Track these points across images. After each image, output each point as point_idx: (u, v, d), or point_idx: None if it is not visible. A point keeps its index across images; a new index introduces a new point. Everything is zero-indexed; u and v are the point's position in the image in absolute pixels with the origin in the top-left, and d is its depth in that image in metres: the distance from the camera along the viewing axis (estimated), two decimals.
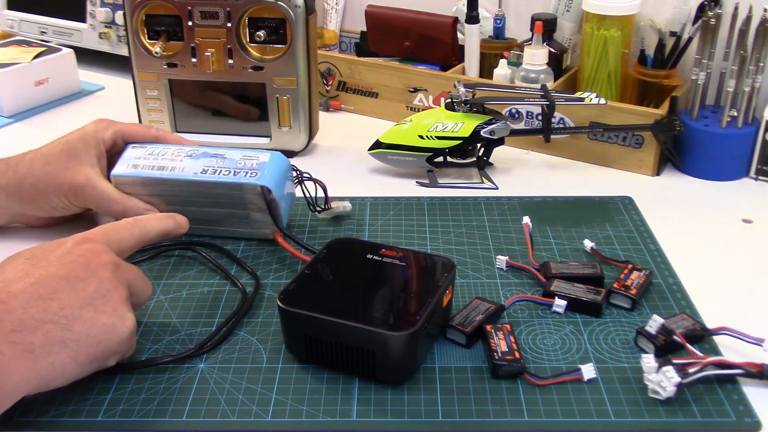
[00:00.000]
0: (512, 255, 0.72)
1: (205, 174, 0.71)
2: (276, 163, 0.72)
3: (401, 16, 1.10)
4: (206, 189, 0.71)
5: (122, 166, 0.73)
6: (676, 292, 0.67)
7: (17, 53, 1.12)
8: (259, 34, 0.89)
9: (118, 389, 0.57)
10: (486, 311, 0.62)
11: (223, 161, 0.72)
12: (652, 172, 0.91)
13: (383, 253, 0.63)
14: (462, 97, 0.88)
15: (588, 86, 0.99)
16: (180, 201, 0.73)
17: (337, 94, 1.10)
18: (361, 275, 0.61)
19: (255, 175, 0.70)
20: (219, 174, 0.71)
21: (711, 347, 0.60)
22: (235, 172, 0.71)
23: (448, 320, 0.61)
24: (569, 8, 1.03)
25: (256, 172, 0.71)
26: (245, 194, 0.71)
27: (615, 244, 0.75)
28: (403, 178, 0.90)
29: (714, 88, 0.92)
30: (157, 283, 0.69)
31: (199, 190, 0.72)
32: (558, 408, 0.54)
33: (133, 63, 0.93)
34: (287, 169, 0.74)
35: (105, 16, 1.21)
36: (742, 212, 0.82)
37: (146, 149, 0.74)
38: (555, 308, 0.64)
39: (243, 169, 0.71)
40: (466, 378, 0.57)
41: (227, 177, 0.70)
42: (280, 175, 0.72)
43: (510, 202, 0.83)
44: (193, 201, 0.73)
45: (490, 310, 0.62)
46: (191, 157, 0.73)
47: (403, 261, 0.62)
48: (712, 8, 0.87)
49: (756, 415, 0.54)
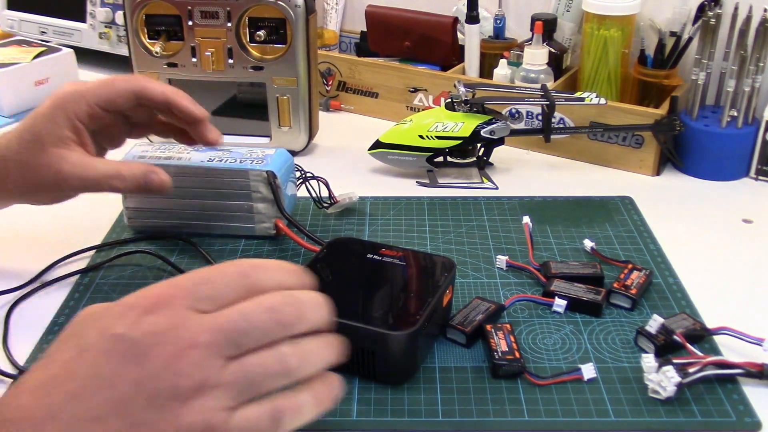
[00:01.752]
0: (512, 255, 0.72)
1: (211, 162, 0.73)
2: (281, 156, 0.75)
3: (401, 16, 1.10)
4: (212, 177, 0.73)
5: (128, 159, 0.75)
6: (676, 292, 0.67)
7: (17, 53, 1.12)
8: (259, 34, 0.89)
9: None
10: (486, 311, 0.62)
11: (229, 153, 0.75)
12: (652, 172, 0.91)
13: (383, 252, 0.63)
14: (462, 97, 0.88)
15: (588, 86, 0.99)
16: (184, 194, 0.74)
17: (337, 94, 1.10)
18: (361, 275, 0.61)
19: (261, 162, 0.73)
20: (225, 162, 0.73)
21: (711, 347, 0.60)
22: (242, 160, 0.73)
23: (448, 320, 0.61)
24: (569, 8, 1.03)
25: (262, 160, 0.73)
26: (250, 182, 0.73)
27: (615, 244, 0.75)
28: (403, 178, 0.90)
29: (714, 88, 0.92)
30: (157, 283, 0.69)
31: (205, 179, 0.73)
32: (558, 408, 0.54)
33: (133, 63, 0.93)
34: (291, 165, 0.77)
35: (105, 16, 1.21)
36: (742, 212, 0.82)
37: (152, 146, 0.77)
38: (555, 308, 0.64)
39: (249, 159, 0.74)
40: (466, 378, 0.57)
41: (233, 164, 0.73)
42: (286, 169, 0.75)
43: (510, 202, 0.83)
44: (196, 193, 0.74)
45: (490, 310, 0.62)
46: (198, 150, 0.75)
47: (403, 261, 0.62)
48: (712, 8, 0.87)
49: (756, 415, 0.54)
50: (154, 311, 0.39)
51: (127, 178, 0.64)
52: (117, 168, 0.64)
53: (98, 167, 0.64)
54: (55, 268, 0.72)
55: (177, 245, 0.75)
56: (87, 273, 0.71)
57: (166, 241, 0.76)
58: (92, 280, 0.70)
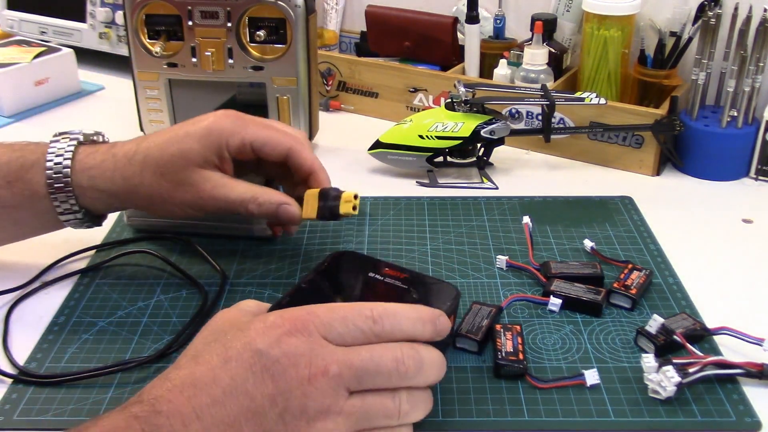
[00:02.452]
0: (512, 255, 0.72)
1: None
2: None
3: (401, 16, 1.10)
4: None
5: None
6: (676, 292, 0.67)
7: (17, 53, 1.12)
8: (259, 34, 0.89)
9: (118, 388, 0.57)
10: (489, 314, 0.62)
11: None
12: (652, 172, 0.91)
13: (386, 272, 0.58)
14: (462, 97, 0.88)
15: (588, 86, 0.99)
16: None
17: (337, 94, 1.10)
18: (360, 296, 0.57)
19: None
20: None
21: (711, 347, 0.60)
22: None
23: (449, 344, 0.60)
24: (569, 8, 1.03)
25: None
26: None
27: (615, 244, 0.75)
28: (403, 178, 0.90)
29: (714, 88, 0.92)
30: (157, 282, 0.69)
31: None
32: (558, 408, 0.54)
33: (133, 63, 0.93)
34: None
35: (105, 16, 1.21)
36: (742, 212, 0.82)
37: None
38: (550, 306, 0.64)
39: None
40: (466, 378, 0.57)
41: None
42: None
43: (510, 202, 0.83)
44: None
45: (492, 313, 0.62)
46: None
47: (406, 283, 0.58)
48: (712, 8, 0.87)
49: (756, 414, 0.54)
50: (294, 333, 0.44)
51: (262, 205, 0.64)
52: (254, 193, 0.64)
53: (237, 190, 0.64)
54: (55, 268, 0.72)
55: (177, 245, 0.75)
56: (87, 273, 0.71)
57: (166, 241, 0.76)
58: (92, 280, 0.70)
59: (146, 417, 0.42)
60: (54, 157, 0.64)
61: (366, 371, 0.45)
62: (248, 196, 0.64)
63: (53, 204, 0.64)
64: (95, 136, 0.68)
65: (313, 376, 0.43)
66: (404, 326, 0.47)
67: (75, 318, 0.65)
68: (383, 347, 0.46)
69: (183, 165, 0.63)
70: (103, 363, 0.59)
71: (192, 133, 0.63)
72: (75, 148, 0.65)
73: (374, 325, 0.46)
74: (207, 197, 0.63)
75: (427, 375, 0.47)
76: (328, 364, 0.44)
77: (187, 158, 0.62)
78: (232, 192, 0.63)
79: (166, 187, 0.63)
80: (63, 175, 0.63)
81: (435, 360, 0.48)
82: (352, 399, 0.45)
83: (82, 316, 0.65)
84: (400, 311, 0.48)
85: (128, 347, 0.61)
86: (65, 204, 0.65)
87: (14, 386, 0.57)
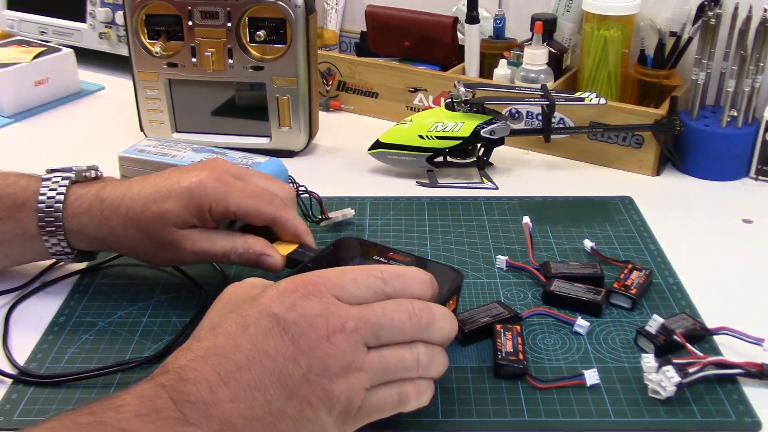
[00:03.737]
0: (512, 255, 0.72)
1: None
2: (273, 163, 0.77)
3: (401, 16, 1.10)
4: None
5: (130, 149, 0.81)
6: (676, 292, 0.67)
7: (17, 53, 1.12)
8: (259, 34, 0.89)
9: (118, 388, 0.57)
10: (496, 315, 0.62)
11: (224, 157, 0.77)
12: (652, 172, 0.91)
13: (390, 256, 0.60)
14: (462, 97, 0.88)
15: (588, 86, 0.99)
16: None
17: (337, 94, 1.10)
18: None
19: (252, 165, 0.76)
20: None
21: (711, 347, 0.60)
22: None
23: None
24: (569, 8, 1.03)
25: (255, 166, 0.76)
26: None
27: (615, 244, 0.75)
28: (403, 178, 0.90)
29: (714, 88, 0.92)
30: (157, 283, 0.69)
31: None
32: (558, 408, 0.54)
33: (133, 63, 0.93)
34: (285, 176, 0.78)
35: (105, 16, 1.21)
36: (742, 212, 0.82)
37: (158, 141, 0.83)
38: (576, 328, 0.62)
39: (241, 163, 0.76)
40: (466, 378, 0.57)
41: None
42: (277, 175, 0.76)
43: (510, 202, 0.83)
44: None
45: (501, 315, 0.62)
46: (195, 151, 0.80)
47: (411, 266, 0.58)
48: (712, 8, 0.87)
49: (756, 415, 0.54)
50: (308, 296, 0.46)
51: (242, 255, 0.63)
52: (234, 245, 0.63)
53: (217, 244, 0.63)
54: (55, 268, 0.72)
55: None
56: (87, 273, 0.71)
57: None
58: (92, 280, 0.70)
59: (173, 385, 0.43)
60: (46, 198, 0.63)
61: (381, 325, 0.46)
62: (228, 247, 0.63)
63: (45, 245, 0.65)
64: (88, 172, 0.66)
65: (331, 334, 0.45)
66: (412, 286, 0.49)
67: (75, 318, 0.65)
68: (395, 302, 0.48)
69: (162, 225, 0.62)
70: (103, 363, 0.59)
71: (175, 192, 0.61)
72: (66, 189, 0.64)
73: (384, 285, 0.48)
74: (188, 253, 0.63)
75: (442, 327, 0.49)
76: (345, 320, 0.45)
77: (166, 219, 0.61)
78: (213, 246, 0.63)
79: (148, 243, 0.63)
80: (54, 219, 0.63)
81: (446, 314, 0.50)
82: (371, 354, 0.46)
83: (82, 316, 0.65)
84: (408, 272, 0.50)
85: (128, 347, 0.61)
86: (57, 246, 0.65)
87: (14, 386, 0.57)
